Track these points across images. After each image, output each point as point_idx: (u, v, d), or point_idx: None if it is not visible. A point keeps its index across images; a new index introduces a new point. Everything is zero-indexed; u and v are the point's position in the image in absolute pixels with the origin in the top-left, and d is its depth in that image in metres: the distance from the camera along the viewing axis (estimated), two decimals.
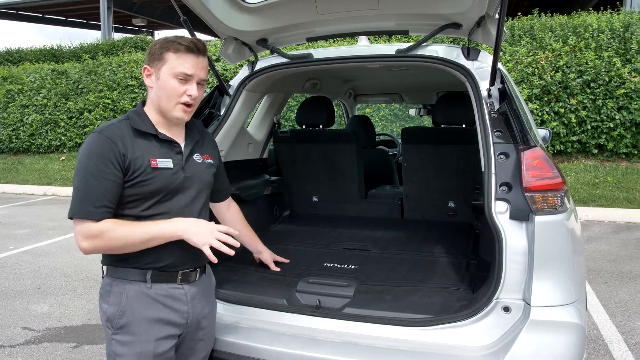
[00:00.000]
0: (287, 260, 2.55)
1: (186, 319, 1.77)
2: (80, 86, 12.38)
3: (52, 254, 5.68)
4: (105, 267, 1.76)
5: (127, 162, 1.63)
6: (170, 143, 1.74)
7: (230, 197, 2.24)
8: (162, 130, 1.74)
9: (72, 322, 3.80)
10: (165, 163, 1.70)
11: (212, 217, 2.12)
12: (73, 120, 12.28)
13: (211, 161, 1.89)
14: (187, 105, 1.70)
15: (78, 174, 1.62)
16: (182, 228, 1.67)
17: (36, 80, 12.86)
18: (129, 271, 1.70)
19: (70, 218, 1.63)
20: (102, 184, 1.59)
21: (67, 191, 10.04)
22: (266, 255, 2.47)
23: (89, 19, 21.68)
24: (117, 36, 16.94)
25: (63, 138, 12.37)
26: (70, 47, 16.49)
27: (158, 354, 1.69)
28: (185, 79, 1.67)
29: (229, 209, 2.24)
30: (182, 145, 1.78)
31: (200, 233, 1.67)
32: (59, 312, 3.99)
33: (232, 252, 1.69)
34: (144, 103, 1.78)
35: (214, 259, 1.66)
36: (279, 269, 2.47)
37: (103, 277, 1.76)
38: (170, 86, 1.66)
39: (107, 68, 12.30)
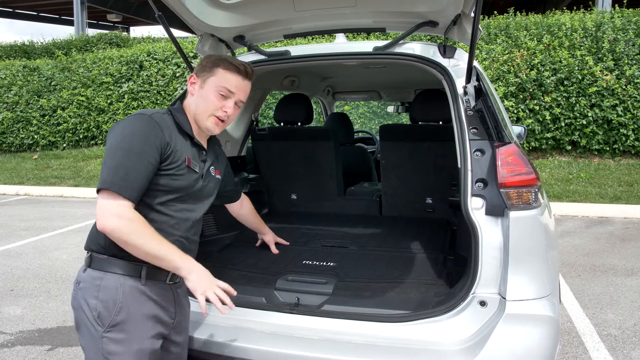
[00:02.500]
0: (287, 243, 2.75)
1: (173, 319, 1.77)
2: (53, 83, 12.10)
3: (25, 255, 5.55)
4: (90, 257, 1.67)
5: (169, 151, 1.64)
6: (199, 149, 1.81)
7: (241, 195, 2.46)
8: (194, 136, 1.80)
9: (46, 324, 3.72)
10: (195, 166, 1.76)
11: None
12: (46, 118, 12.00)
13: (219, 177, 1.96)
14: (221, 119, 1.77)
15: (119, 149, 1.56)
16: (188, 267, 1.62)
17: (7, 77, 12.51)
18: (124, 264, 1.63)
19: (101, 190, 1.52)
20: (143, 166, 1.56)
21: (40, 191, 9.82)
22: (269, 237, 2.70)
23: (61, 14, 21.22)
24: (91, 32, 16.61)
25: (36, 136, 12.08)
26: (42, 43, 16.12)
27: (152, 351, 1.68)
28: (226, 95, 1.76)
29: (242, 206, 2.48)
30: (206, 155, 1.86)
31: (202, 281, 1.63)
32: (33, 314, 3.90)
33: (225, 312, 1.64)
34: (179, 104, 1.83)
35: (205, 312, 1.62)
36: (277, 251, 2.66)
37: (86, 269, 1.67)
38: (210, 98, 1.75)
39: (81, 65, 12.05)
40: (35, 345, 3.38)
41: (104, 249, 1.65)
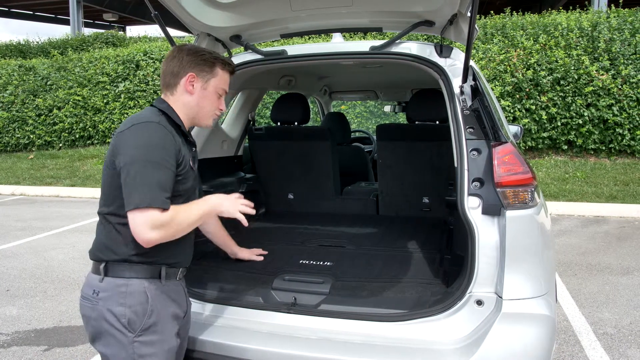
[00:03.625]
0: (266, 252, 2.61)
1: (185, 313, 1.83)
2: (49, 82, 12.05)
3: (21, 255, 5.53)
4: (106, 266, 1.65)
5: (180, 157, 1.68)
6: (191, 145, 1.84)
7: None
8: None
9: (42, 324, 3.71)
10: (194, 164, 1.81)
11: None
12: (42, 117, 11.95)
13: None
14: (216, 116, 1.88)
15: (142, 162, 1.56)
16: (217, 202, 1.76)
17: (2, 77, 12.45)
18: (145, 268, 1.67)
19: (134, 209, 1.53)
20: (167, 174, 1.59)
21: (36, 190, 9.78)
22: (243, 254, 2.55)
23: (57, 14, 21.15)
24: (88, 31, 16.56)
25: (32, 136, 12.03)
26: (38, 42, 16.06)
27: (176, 348, 1.75)
28: (222, 94, 1.85)
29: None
30: None
31: (229, 204, 1.78)
32: (29, 314, 3.88)
33: (245, 223, 1.79)
34: (160, 103, 1.79)
35: (246, 223, 1.78)
36: (262, 258, 2.56)
37: (104, 278, 1.65)
38: (213, 99, 1.82)
39: (77, 64, 12.00)
40: (32, 346, 3.37)
41: (121, 257, 1.65)
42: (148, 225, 1.53)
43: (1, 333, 3.57)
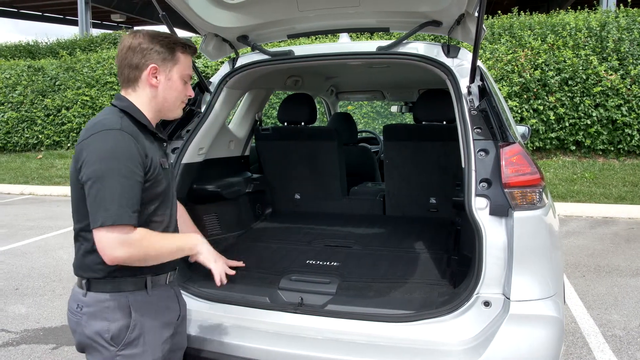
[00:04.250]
0: (233, 273, 1.98)
1: (178, 316, 1.78)
2: (57, 83, 12.14)
3: (30, 254, 5.57)
4: (87, 282, 1.60)
5: (148, 162, 1.57)
6: (161, 142, 1.74)
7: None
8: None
9: (51, 323, 3.73)
10: (166, 162, 1.71)
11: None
12: (50, 117, 12.04)
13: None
14: (184, 103, 1.76)
15: (105, 176, 1.45)
16: (199, 245, 1.74)
17: (11, 77, 12.56)
18: (129, 281, 1.60)
19: (100, 226, 1.44)
20: (133, 187, 1.49)
21: (45, 190, 9.85)
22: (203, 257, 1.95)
23: (66, 14, 21.28)
24: (96, 32, 16.65)
25: (40, 136, 12.13)
26: (46, 43, 16.16)
27: (164, 355, 1.69)
28: (188, 80, 1.73)
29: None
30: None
31: (210, 256, 1.77)
32: (38, 313, 3.91)
33: (219, 285, 1.80)
34: (121, 99, 1.66)
35: (220, 282, 1.78)
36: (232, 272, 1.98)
37: (87, 293, 1.60)
38: (179, 88, 1.69)
39: (86, 64, 12.08)
40: (40, 344, 3.39)
41: (102, 274, 1.58)
42: (114, 243, 1.45)
43: (10, 331, 3.60)
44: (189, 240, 1.72)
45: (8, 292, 4.38)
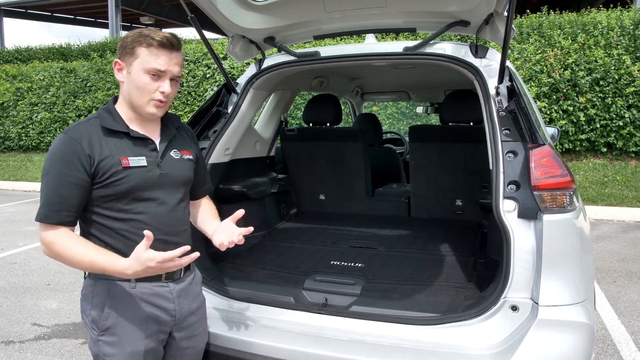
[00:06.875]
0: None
1: (173, 316, 1.75)
2: (88, 84, 12.46)
3: None
4: None
5: (94, 163, 1.58)
6: (143, 140, 1.69)
7: (207, 196, 2.06)
8: (136, 126, 1.69)
9: (80, 318, 3.83)
10: (138, 161, 1.65)
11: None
12: (81, 118, 12.34)
13: (190, 157, 1.83)
14: (160, 101, 1.65)
15: (43, 176, 1.61)
16: (123, 270, 1.53)
17: (45, 79, 12.95)
18: None
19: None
20: (63, 187, 1.55)
21: None
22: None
23: (97, 17, 21.80)
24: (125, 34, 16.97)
25: None
26: (78, 45, 16.56)
27: (148, 350, 1.70)
28: (157, 75, 1.62)
29: (201, 204, 2.01)
30: (157, 141, 1.74)
31: (139, 271, 1.53)
32: (68, 308, 4.02)
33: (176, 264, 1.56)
34: (115, 99, 1.72)
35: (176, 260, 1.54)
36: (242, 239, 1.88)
37: (85, 277, 1.73)
38: (142, 82, 1.62)
39: None
40: (70, 339, 3.48)
41: None
42: (40, 238, 1.60)
43: (42, 325, 3.70)
44: (117, 263, 1.53)
45: (40, 287, 4.51)
